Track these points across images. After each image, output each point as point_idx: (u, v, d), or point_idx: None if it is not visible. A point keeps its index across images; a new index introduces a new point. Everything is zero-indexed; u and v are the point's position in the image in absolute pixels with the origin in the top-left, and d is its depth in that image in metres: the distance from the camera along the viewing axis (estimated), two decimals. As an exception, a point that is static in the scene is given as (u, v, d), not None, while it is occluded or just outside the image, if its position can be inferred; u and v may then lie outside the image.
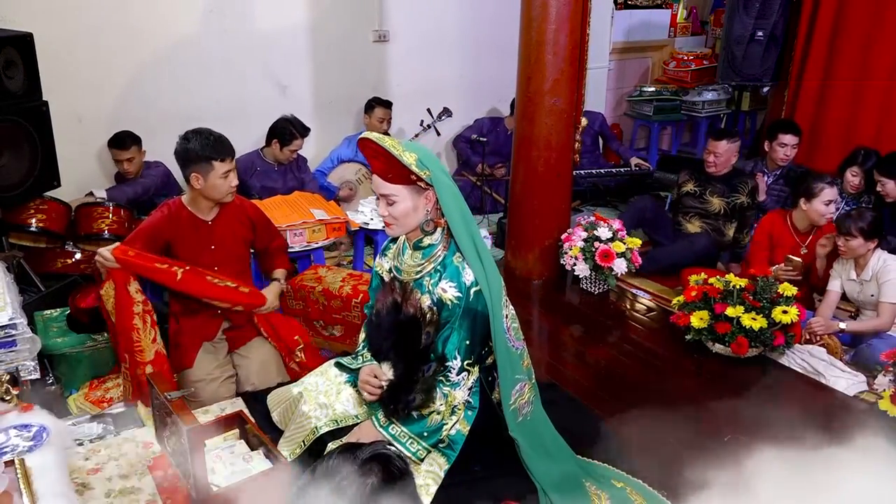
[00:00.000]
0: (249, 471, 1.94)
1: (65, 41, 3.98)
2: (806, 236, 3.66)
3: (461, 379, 2.01)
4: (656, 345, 3.31)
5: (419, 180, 1.96)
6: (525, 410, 2.14)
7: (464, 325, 1.99)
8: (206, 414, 2.35)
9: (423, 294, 2.04)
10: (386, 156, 1.93)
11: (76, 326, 3.04)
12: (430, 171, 1.95)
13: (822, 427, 2.45)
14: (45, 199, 3.59)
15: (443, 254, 2.05)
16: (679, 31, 6.86)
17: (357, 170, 4.85)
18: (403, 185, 1.98)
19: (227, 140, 2.67)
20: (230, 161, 2.64)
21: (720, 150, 4.06)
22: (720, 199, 4.13)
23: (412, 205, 2.00)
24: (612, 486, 2.20)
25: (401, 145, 1.95)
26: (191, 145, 2.61)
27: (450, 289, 1.99)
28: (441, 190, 1.96)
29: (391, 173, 1.96)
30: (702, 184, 4.20)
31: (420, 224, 2.04)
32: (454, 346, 1.99)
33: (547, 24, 3.65)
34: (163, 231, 2.70)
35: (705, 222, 4.20)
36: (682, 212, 4.29)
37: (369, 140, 1.94)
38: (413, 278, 2.08)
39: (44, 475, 1.79)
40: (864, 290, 3.29)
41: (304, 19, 4.77)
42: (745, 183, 4.12)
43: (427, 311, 1.98)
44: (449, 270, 2.01)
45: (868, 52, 4.64)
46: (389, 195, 1.99)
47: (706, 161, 4.14)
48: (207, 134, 2.62)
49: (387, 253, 2.26)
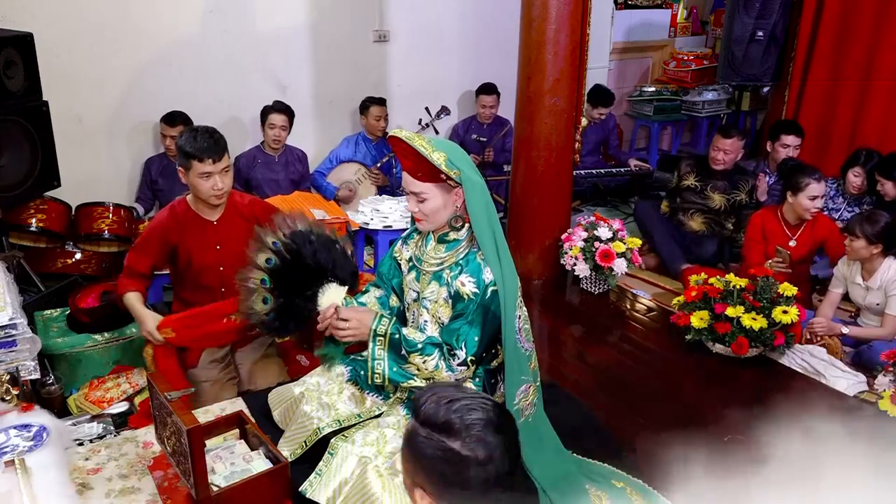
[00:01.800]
0: (249, 471, 1.94)
1: (65, 41, 3.98)
2: (796, 229, 3.68)
3: (460, 370, 2.02)
4: (656, 345, 3.31)
5: (449, 179, 1.97)
6: (528, 412, 2.15)
7: (476, 321, 2.00)
8: (206, 414, 2.34)
9: (440, 286, 2.05)
10: (416, 155, 1.94)
11: (76, 326, 3.04)
12: (460, 170, 1.96)
13: (822, 427, 2.45)
14: (45, 199, 3.59)
15: (466, 249, 2.06)
16: (679, 31, 6.86)
17: (356, 170, 4.84)
18: (433, 184, 1.99)
19: (216, 143, 2.59)
20: (211, 163, 2.57)
21: (729, 146, 4.09)
22: (721, 196, 4.14)
23: (442, 202, 2.02)
24: (612, 486, 2.20)
25: (430, 144, 1.95)
26: (181, 140, 2.61)
27: (468, 283, 2.00)
28: (470, 188, 1.97)
29: (421, 172, 1.98)
30: (703, 179, 4.21)
31: (448, 220, 2.06)
32: (463, 337, 2.00)
33: (547, 24, 3.65)
34: (169, 234, 2.70)
35: (707, 218, 4.20)
36: (682, 208, 4.29)
37: (399, 139, 1.95)
38: (433, 269, 2.09)
39: (44, 475, 1.79)
40: (869, 297, 3.28)
41: (304, 19, 4.78)
42: (746, 181, 4.14)
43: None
44: (471, 266, 2.02)
45: (874, 52, 4.63)
46: (420, 193, 2.00)
47: (713, 158, 4.15)
48: (202, 132, 2.59)
49: (409, 242, 2.26)
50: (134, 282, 2.74)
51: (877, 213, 3.27)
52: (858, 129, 4.73)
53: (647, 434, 2.54)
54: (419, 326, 2.13)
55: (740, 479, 2.00)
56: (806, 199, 3.55)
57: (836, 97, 4.83)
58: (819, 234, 3.68)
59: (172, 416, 1.84)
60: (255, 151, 4.46)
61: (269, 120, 4.36)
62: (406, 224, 3.87)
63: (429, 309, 2.10)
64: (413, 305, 2.18)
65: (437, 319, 2.09)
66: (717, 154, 4.14)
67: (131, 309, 2.72)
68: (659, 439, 2.47)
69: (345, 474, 1.96)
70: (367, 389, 2.23)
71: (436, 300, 2.08)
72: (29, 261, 3.56)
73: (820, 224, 3.69)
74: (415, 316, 2.17)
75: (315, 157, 4.93)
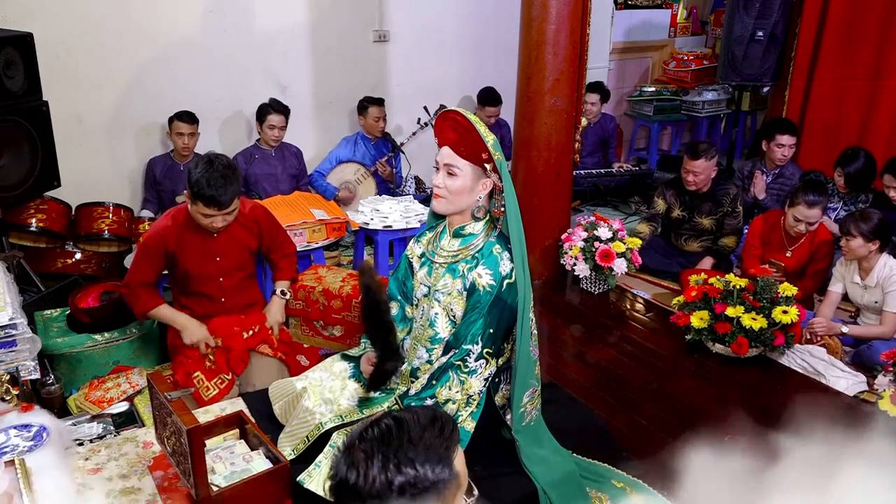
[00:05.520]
0: (249, 471, 1.94)
1: (65, 41, 3.98)
2: (794, 240, 3.66)
3: (479, 366, 2.01)
4: (656, 345, 3.31)
5: (487, 162, 2.00)
6: (532, 415, 2.15)
7: (492, 314, 2.00)
8: (206, 414, 2.35)
9: (455, 278, 2.06)
10: (467, 129, 1.97)
11: (76, 326, 3.04)
12: (501, 157, 2.00)
13: (822, 427, 2.45)
14: (45, 199, 3.59)
15: (482, 243, 2.07)
16: (679, 31, 6.86)
17: (356, 170, 4.84)
18: (470, 163, 2.01)
19: (226, 191, 2.54)
20: (215, 209, 2.57)
21: (698, 168, 3.98)
22: (710, 218, 4.11)
23: (470, 184, 2.03)
24: (612, 487, 2.21)
25: (483, 125, 1.99)
26: (196, 171, 2.54)
27: (485, 275, 2.01)
28: (507, 177, 2.01)
29: (464, 147, 2.00)
30: (687, 207, 4.16)
31: (472, 209, 2.08)
32: (478, 332, 2.00)
33: (547, 24, 3.65)
34: (168, 242, 2.70)
35: (703, 240, 4.19)
36: (675, 234, 4.28)
37: (455, 111, 1.99)
38: (448, 262, 2.10)
39: (44, 475, 1.79)
40: (867, 295, 3.28)
41: (304, 19, 4.78)
42: (727, 194, 4.08)
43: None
44: (488, 259, 2.03)
45: (881, 52, 4.63)
46: (453, 165, 2.01)
47: (685, 180, 4.06)
48: (218, 176, 2.52)
49: (421, 239, 2.27)
50: (151, 294, 2.76)
51: (869, 211, 3.29)
52: (866, 129, 4.73)
53: (647, 434, 2.54)
54: (429, 320, 2.13)
55: (740, 479, 2.00)
56: (791, 217, 3.56)
57: (843, 97, 4.83)
58: (815, 248, 3.65)
59: (172, 416, 1.83)
60: (252, 149, 4.48)
61: (269, 121, 4.37)
62: (406, 224, 3.87)
63: (440, 301, 2.10)
64: (423, 301, 2.17)
65: (448, 312, 2.09)
66: (687, 176, 4.03)
67: (171, 321, 2.75)
68: (659, 439, 2.48)
69: None
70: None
71: (449, 292, 2.08)
72: (29, 261, 3.56)
73: (819, 238, 3.65)
74: (423, 311, 2.16)
75: (315, 156, 4.93)
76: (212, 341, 2.69)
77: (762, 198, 4.38)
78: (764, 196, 4.40)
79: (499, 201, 2.07)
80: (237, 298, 2.86)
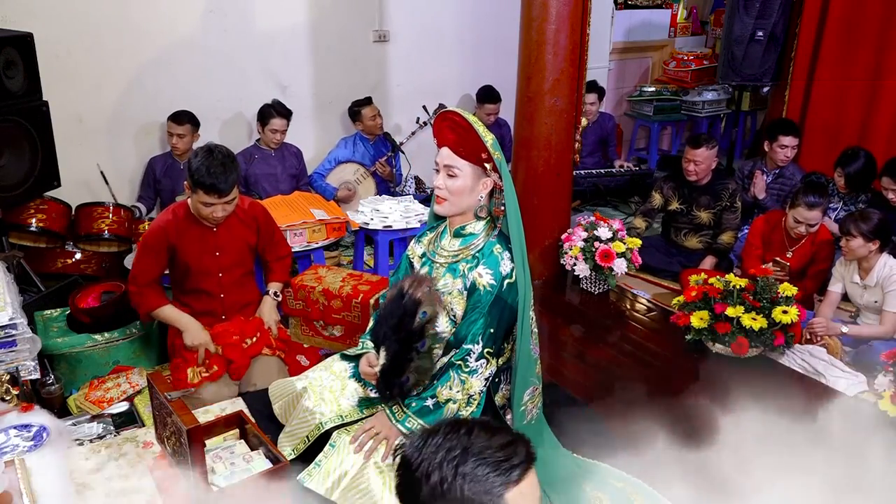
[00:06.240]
0: (249, 471, 1.94)
1: (65, 41, 3.99)
2: (795, 241, 3.66)
3: (479, 366, 2.01)
4: (656, 345, 3.30)
5: (487, 161, 2.00)
6: (533, 413, 2.15)
7: (492, 313, 2.00)
8: (206, 414, 2.35)
9: (455, 278, 2.06)
10: (465, 129, 1.97)
11: (76, 326, 3.04)
12: (501, 156, 2.00)
13: (822, 427, 2.45)
14: (45, 199, 3.59)
15: (482, 243, 2.07)
16: (679, 31, 6.86)
17: (355, 170, 4.85)
18: (469, 163, 2.01)
19: (226, 179, 2.57)
20: (215, 197, 2.58)
21: (700, 157, 4.00)
22: (708, 212, 4.11)
23: (470, 184, 2.03)
24: (612, 487, 2.21)
25: (482, 125, 1.99)
26: (195, 160, 2.57)
27: (486, 274, 2.01)
28: (507, 176, 2.01)
29: (463, 147, 2.00)
30: (686, 200, 4.16)
31: (474, 209, 2.08)
32: (478, 332, 2.00)
33: (547, 24, 3.65)
34: (169, 236, 2.71)
35: (702, 235, 4.19)
36: (674, 229, 4.28)
37: (454, 112, 1.99)
38: (448, 262, 2.10)
39: (44, 475, 1.79)
40: (867, 295, 3.28)
41: (304, 19, 4.78)
42: (726, 188, 4.09)
43: (431, 297, 1.95)
44: (489, 259, 2.03)
45: (882, 52, 4.62)
46: (453, 167, 2.01)
47: (686, 170, 4.08)
48: (217, 163, 2.55)
49: (422, 239, 2.27)
50: (158, 293, 2.77)
51: (868, 211, 3.28)
52: (866, 129, 4.72)
53: (647, 434, 2.54)
54: None
55: (740, 479, 2.00)
56: (791, 218, 3.56)
57: (843, 97, 4.82)
58: (816, 248, 3.65)
59: (172, 416, 1.84)
60: (252, 149, 4.49)
61: (272, 125, 4.37)
62: (406, 224, 3.87)
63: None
64: None
65: (449, 312, 2.09)
66: (688, 165, 4.05)
67: (174, 321, 2.75)
68: (659, 439, 2.47)
69: (345, 467, 1.96)
70: (370, 386, 2.23)
71: (450, 292, 2.08)
72: (29, 261, 3.56)
73: (819, 238, 3.65)
74: None
75: (315, 156, 4.93)
76: (212, 347, 2.69)
77: (762, 197, 4.38)
78: (764, 196, 4.40)
79: (499, 200, 2.06)
80: (236, 296, 2.87)
